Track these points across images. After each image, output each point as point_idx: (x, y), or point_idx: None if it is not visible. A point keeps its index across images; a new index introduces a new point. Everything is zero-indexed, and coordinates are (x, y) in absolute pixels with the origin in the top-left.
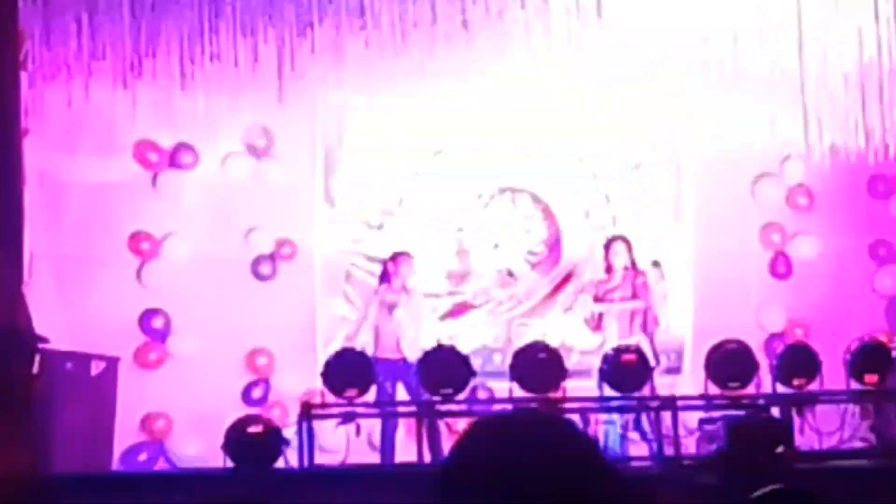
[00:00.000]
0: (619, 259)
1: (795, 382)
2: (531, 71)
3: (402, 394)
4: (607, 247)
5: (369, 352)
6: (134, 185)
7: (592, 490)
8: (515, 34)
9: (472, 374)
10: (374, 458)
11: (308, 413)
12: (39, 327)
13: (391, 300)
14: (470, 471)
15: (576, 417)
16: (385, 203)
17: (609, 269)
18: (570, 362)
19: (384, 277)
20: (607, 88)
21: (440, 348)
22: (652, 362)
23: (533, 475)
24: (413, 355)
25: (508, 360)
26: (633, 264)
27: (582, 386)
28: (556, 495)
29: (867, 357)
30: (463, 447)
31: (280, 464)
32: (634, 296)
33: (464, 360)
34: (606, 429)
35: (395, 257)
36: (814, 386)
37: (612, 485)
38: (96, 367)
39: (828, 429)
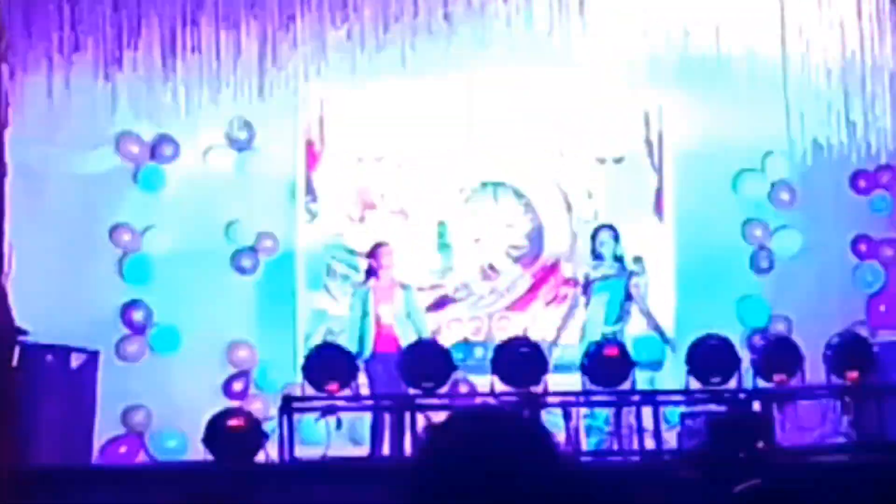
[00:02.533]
0: (607, 248)
1: (776, 378)
2: (513, 64)
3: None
4: (594, 236)
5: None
6: (115, 177)
7: (553, 486)
8: (497, 28)
9: (453, 367)
10: (355, 452)
11: (289, 406)
12: (19, 320)
13: (383, 294)
14: (436, 468)
15: (557, 412)
16: (366, 197)
17: (597, 257)
18: (552, 356)
19: (371, 273)
20: (589, 82)
21: (421, 342)
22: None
23: (496, 472)
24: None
25: (490, 354)
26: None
27: (564, 380)
28: (517, 491)
29: (848, 352)
30: (429, 445)
31: (260, 457)
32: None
33: (445, 354)
34: (587, 423)
35: (376, 250)
36: (795, 381)
37: (574, 481)
38: (76, 360)
39: (808, 424)
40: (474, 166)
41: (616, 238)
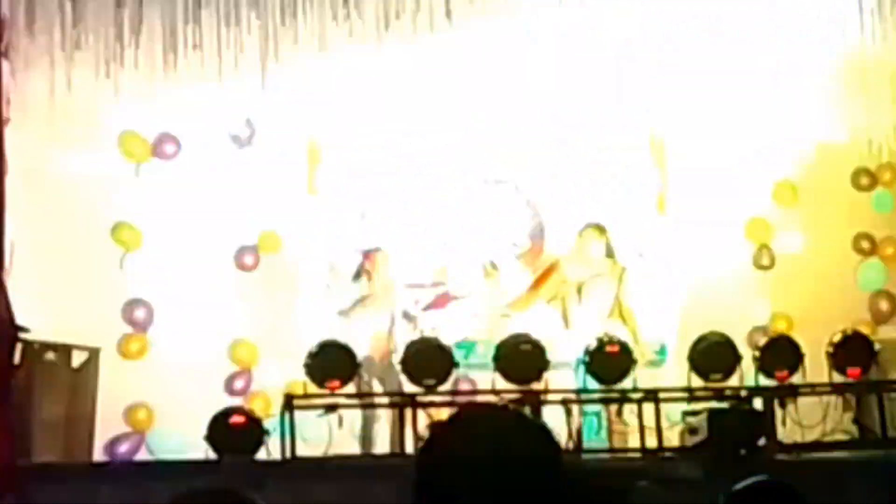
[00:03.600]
0: (596, 246)
1: (778, 375)
2: (514, 60)
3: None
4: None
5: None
6: (117, 174)
7: (555, 484)
8: (497, 24)
9: (455, 365)
10: (357, 449)
11: (290, 404)
12: (20, 317)
13: (370, 298)
14: (439, 466)
15: (558, 409)
16: (368, 194)
17: (585, 256)
18: (553, 354)
19: (361, 275)
20: (591, 79)
21: (422, 339)
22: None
23: (498, 470)
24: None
25: (491, 352)
26: (611, 254)
27: (564, 378)
28: (519, 489)
29: (849, 350)
30: (432, 443)
31: (262, 454)
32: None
33: (446, 352)
34: (589, 420)
35: (370, 255)
36: (797, 378)
37: (576, 479)
38: (78, 358)
39: (810, 421)
40: (475, 163)
41: (603, 232)
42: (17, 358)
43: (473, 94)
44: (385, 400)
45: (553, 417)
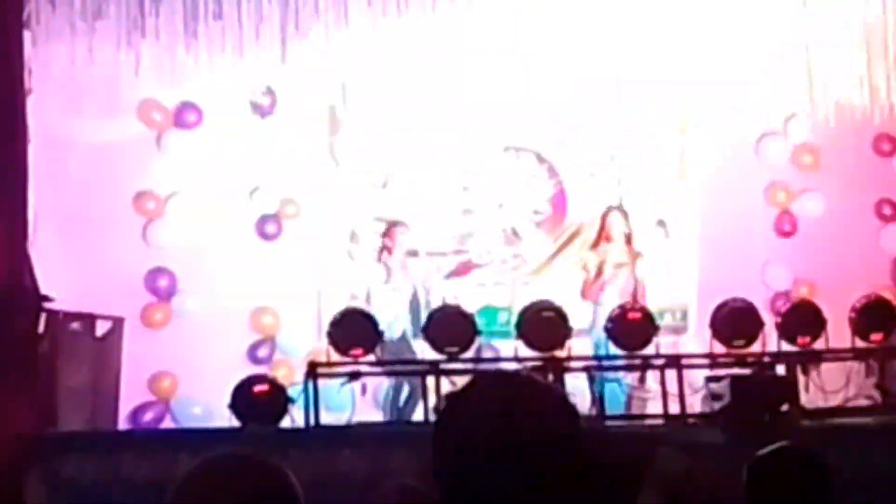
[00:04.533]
0: (617, 229)
1: (800, 340)
2: (536, 29)
3: None
4: (604, 216)
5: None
6: (138, 144)
7: (575, 450)
8: None
9: (477, 332)
10: (379, 417)
11: (314, 372)
12: (44, 287)
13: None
14: (459, 433)
15: (581, 375)
16: (389, 162)
17: (608, 238)
18: (575, 321)
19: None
20: (611, 46)
21: (445, 307)
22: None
23: (518, 436)
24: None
25: (513, 319)
26: (630, 239)
27: (587, 345)
28: (539, 455)
29: (872, 315)
30: (451, 409)
31: (286, 423)
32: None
33: (469, 319)
34: (611, 387)
35: (390, 229)
36: (819, 344)
37: (592, 446)
38: (102, 327)
39: (833, 387)
40: (497, 131)
41: (626, 218)
42: (41, 327)
43: (494, 62)
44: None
45: (577, 385)
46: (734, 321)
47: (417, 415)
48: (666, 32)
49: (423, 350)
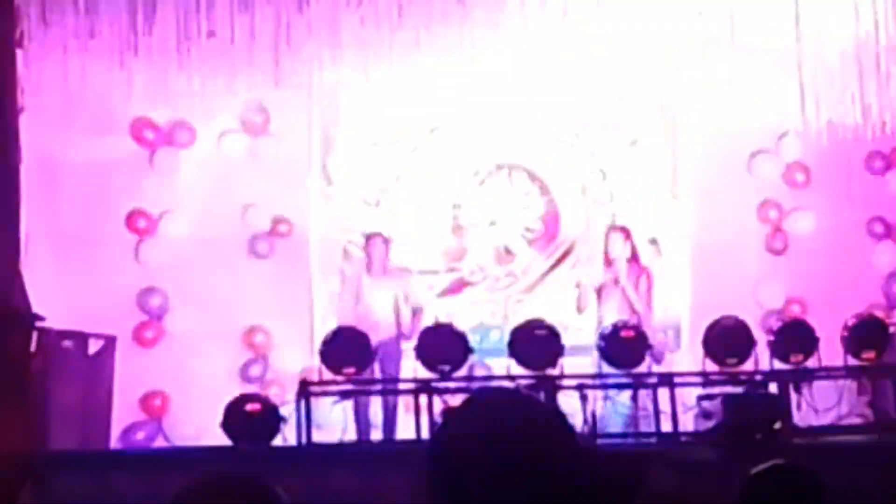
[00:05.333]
0: (617, 249)
1: (793, 359)
2: (527, 46)
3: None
4: (607, 236)
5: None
6: (131, 163)
7: (570, 469)
8: (511, 9)
9: (470, 351)
10: (372, 436)
11: (306, 390)
12: (36, 306)
13: (375, 283)
14: (453, 451)
15: (574, 394)
16: (381, 180)
17: (608, 261)
18: (568, 339)
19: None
20: (603, 64)
21: (437, 325)
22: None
23: (513, 455)
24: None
25: (506, 337)
26: (635, 256)
27: (579, 363)
28: (534, 474)
29: (864, 333)
30: (446, 428)
31: (278, 441)
32: (636, 288)
33: (461, 338)
34: (605, 405)
35: (368, 240)
36: (811, 362)
37: (588, 464)
38: (94, 346)
39: (825, 405)
40: (489, 149)
41: (628, 237)
42: (33, 346)
43: (487, 79)
44: (402, 386)
45: (569, 403)
46: (726, 339)
47: (408, 433)
48: (658, 50)
49: (416, 368)
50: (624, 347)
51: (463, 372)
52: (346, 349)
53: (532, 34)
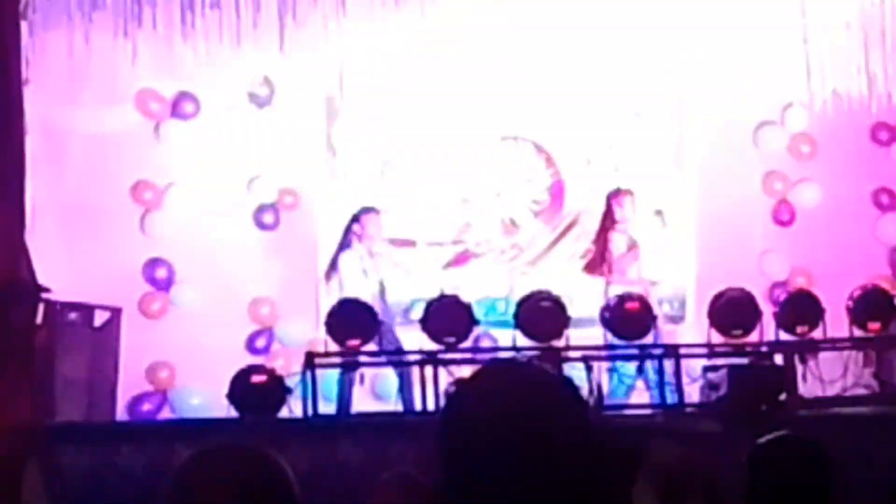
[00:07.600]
0: (629, 212)
1: (798, 330)
2: (532, 17)
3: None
4: (616, 197)
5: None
6: (136, 134)
7: (579, 439)
8: None
9: (475, 322)
10: (378, 407)
11: (311, 362)
12: (42, 278)
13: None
14: (463, 423)
15: (579, 365)
16: (387, 152)
17: (612, 222)
18: (573, 310)
19: (351, 235)
20: (609, 35)
21: (443, 297)
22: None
23: (523, 426)
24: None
25: (512, 309)
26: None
27: (585, 334)
28: (544, 444)
29: (870, 304)
30: (456, 399)
31: (284, 413)
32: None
33: (467, 309)
34: (610, 376)
35: (362, 215)
36: (817, 333)
37: (599, 435)
38: (100, 318)
39: (830, 376)
40: (494, 121)
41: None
42: (39, 318)
43: (492, 50)
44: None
45: (574, 375)
46: (732, 311)
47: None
48: (663, 21)
49: (422, 340)
50: (629, 319)
51: (468, 344)
52: (352, 321)
53: (538, 4)
